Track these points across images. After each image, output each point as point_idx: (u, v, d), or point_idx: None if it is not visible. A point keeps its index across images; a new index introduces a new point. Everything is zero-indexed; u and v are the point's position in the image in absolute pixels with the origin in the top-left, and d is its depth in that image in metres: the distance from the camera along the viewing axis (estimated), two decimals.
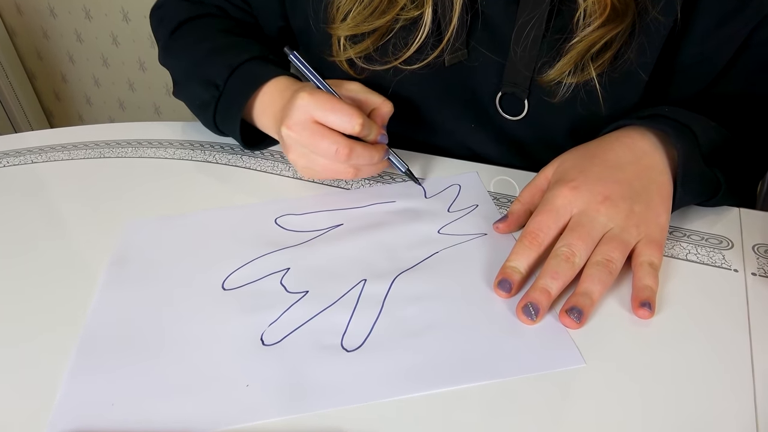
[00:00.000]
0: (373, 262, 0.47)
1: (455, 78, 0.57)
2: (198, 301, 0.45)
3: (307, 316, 0.43)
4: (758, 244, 0.47)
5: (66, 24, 1.81)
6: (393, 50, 0.55)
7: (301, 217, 0.53)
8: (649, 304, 0.41)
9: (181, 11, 0.66)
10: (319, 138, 0.49)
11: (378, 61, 0.56)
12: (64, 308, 0.45)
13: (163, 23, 0.67)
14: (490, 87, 0.56)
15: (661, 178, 0.46)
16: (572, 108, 0.54)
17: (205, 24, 0.65)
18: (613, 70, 0.51)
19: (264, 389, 0.38)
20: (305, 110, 0.49)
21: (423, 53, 0.54)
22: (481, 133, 0.60)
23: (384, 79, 0.57)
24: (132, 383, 0.39)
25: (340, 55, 0.56)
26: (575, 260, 0.42)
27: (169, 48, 0.66)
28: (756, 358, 0.38)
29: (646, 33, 0.50)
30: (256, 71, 0.57)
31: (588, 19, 0.47)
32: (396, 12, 0.51)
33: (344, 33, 0.54)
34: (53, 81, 2.01)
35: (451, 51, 0.54)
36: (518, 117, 0.57)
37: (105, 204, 0.56)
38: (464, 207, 0.53)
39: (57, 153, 0.65)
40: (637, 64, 0.51)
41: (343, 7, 0.53)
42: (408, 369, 0.38)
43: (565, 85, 0.52)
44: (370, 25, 0.53)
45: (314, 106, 0.49)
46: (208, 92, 0.58)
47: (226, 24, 0.65)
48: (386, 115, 0.54)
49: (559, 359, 0.39)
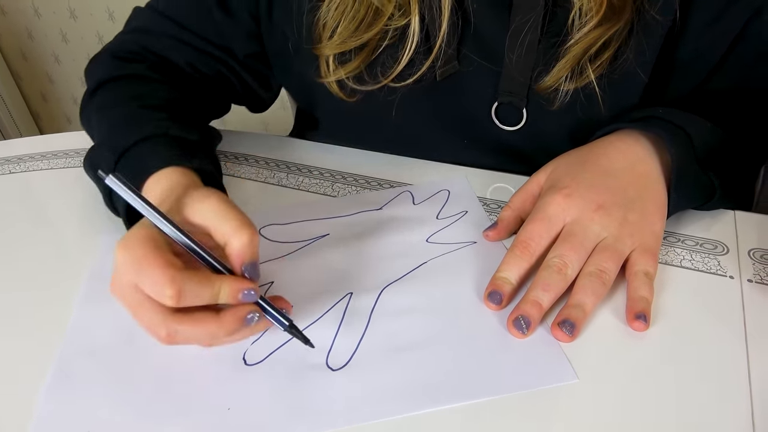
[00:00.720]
0: (360, 274, 0.46)
1: (449, 91, 0.54)
2: None
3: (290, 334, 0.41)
4: (754, 249, 0.46)
5: (51, 24, 1.78)
6: (383, 68, 0.52)
7: (285, 226, 0.51)
8: (644, 316, 0.40)
9: (105, 69, 0.58)
10: (135, 311, 0.36)
11: (369, 81, 0.53)
12: (48, 315, 0.44)
13: (89, 80, 0.59)
14: (486, 98, 0.54)
15: (656, 185, 0.45)
16: (572, 113, 0.52)
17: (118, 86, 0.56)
18: (612, 71, 0.50)
19: (246, 413, 0.36)
20: (123, 272, 0.36)
21: (414, 66, 0.51)
22: (476, 148, 0.58)
23: (376, 101, 0.55)
24: (109, 408, 0.37)
25: (329, 77, 0.53)
26: (567, 272, 0.41)
27: (83, 111, 0.58)
28: (753, 366, 0.37)
29: (645, 32, 0.48)
30: (142, 160, 0.46)
31: (583, 19, 0.46)
32: (383, 23, 0.49)
33: (332, 51, 0.51)
34: (39, 82, 1.99)
35: (443, 61, 0.51)
36: (516, 127, 0.55)
37: (86, 214, 0.55)
38: (453, 213, 0.52)
39: (37, 162, 0.64)
40: (637, 64, 0.50)
41: (330, 23, 0.50)
42: (395, 389, 0.37)
43: (563, 91, 0.50)
44: (358, 40, 0.50)
45: (128, 267, 0.35)
46: (99, 184, 0.49)
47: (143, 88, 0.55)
48: (240, 251, 0.37)
49: (550, 375, 0.37)
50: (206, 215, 0.38)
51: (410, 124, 0.57)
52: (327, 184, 0.57)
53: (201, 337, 0.36)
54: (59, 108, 2.05)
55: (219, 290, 0.36)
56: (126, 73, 0.57)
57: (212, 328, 0.36)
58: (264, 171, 0.59)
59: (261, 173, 0.59)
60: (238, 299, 0.36)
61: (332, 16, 0.50)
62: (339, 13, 0.49)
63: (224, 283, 0.36)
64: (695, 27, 0.50)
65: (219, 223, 0.38)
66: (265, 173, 0.59)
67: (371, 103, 0.55)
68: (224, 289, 0.36)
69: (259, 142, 0.64)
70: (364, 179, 0.57)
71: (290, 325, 0.38)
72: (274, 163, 0.61)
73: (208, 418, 0.36)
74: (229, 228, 0.37)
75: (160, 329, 0.35)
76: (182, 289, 0.34)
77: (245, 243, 0.37)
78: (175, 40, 0.58)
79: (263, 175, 0.59)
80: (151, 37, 0.58)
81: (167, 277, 0.34)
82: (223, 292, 0.36)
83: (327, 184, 0.57)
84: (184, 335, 0.36)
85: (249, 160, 0.61)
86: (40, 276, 0.48)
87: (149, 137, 0.47)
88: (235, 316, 0.36)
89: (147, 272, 0.34)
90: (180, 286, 0.34)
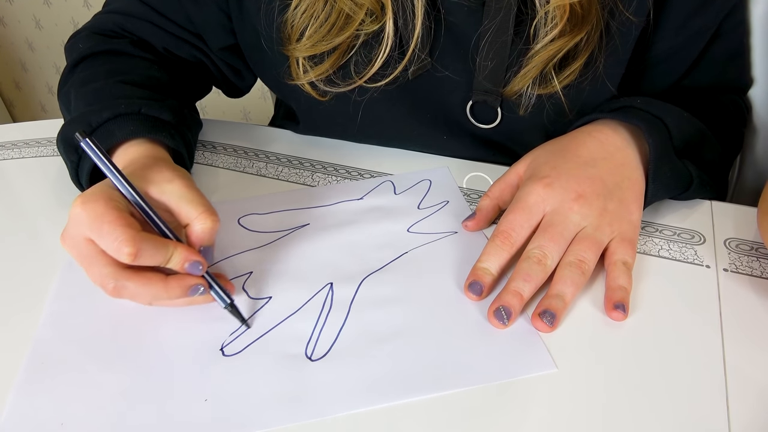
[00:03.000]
0: (340, 264, 0.45)
1: (423, 90, 0.54)
2: (154, 308, 0.42)
3: (270, 324, 0.41)
4: (730, 239, 0.47)
5: (23, 10, 1.74)
6: (356, 68, 0.51)
7: (265, 216, 0.51)
8: (623, 305, 0.40)
9: (86, 45, 0.58)
10: (87, 263, 0.38)
11: (341, 83, 0.52)
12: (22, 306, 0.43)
13: (69, 57, 0.59)
14: (460, 96, 0.54)
15: (634, 174, 0.45)
16: (543, 116, 0.52)
17: (100, 62, 0.56)
18: (580, 82, 0.50)
19: (224, 404, 0.36)
20: (76, 223, 0.38)
21: (388, 68, 0.51)
22: (454, 143, 0.57)
23: (349, 99, 0.54)
24: (83, 400, 0.37)
25: (301, 78, 0.52)
26: (547, 262, 0.41)
27: (61, 88, 0.58)
28: (728, 354, 0.38)
29: (619, 33, 0.48)
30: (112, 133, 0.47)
31: (548, 26, 0.46)
32: (354, 27, 0.48)
33: (302, 54, 0.50)
34: (12, 69, 1.94)
35: (417, 63, 0.50)
36: (491, 125, 0.55)
37: (59, 204, 0.54)
38: (434, 204, 0.52)
39: (9, 151, 0.62)
40: (606, 75, 0.50)
41: (297, 25, 0.49)
42: (375, 378, 0.37)
43: (528, 97, 0.50)
44: (329, 44, 0.49)
45: (84, 221, 0.37)
46: (68, 156, 0.49)
47: (124, 64, 0.56)
48: (201, 233, 0.40)
49: (530, 364, 0.37)
50: (172, 196, 0.41)
51: (387, 120, 0.56)
52: (307, 174, 0.56)
53: (145, 295, 0.39)
54: (33, 96, 2.00)
55: (171, 255, 0.38)
56: (108, 48, 0.57)
57: (158, 289, 0.38)
58: (243, 160, 0.58)
59: (240, 162, 0.58)
60: (185, 269, 0.39)
61: (301, 19, 0.49)
62: (308, 17, 0.49)
63: (177, 249, 0.38)
64: (671, 26, 0.50)
65: (184, 205, 0.40)
66: (244, 162, 0.58)
67: (345, 102, 0.54)
68: (176, 255, 0.38)
69: (238, 132, 0.63)
70: (344, 169, 0.57)
71: (230, 303, 0.41)
72: (253, 152, 0.60)
73: (184, 409, 0.36)
74: (194, 211, 0.40)
75: (108, 282, 0.38)
76: (140, 248, 0.36)
77: (207, 228, 0.40)
78: (151, 24, 0.58)
79: (242, 164, 0.58)
80: (129, 18, 0.59)
81: (127, 236, 0.36)
82: (174, 258, 0.38)
83: (307, 174, 0.56)
84: (129, 291, 0.38)
85: (228, 150, 0.60)
86: (12, 266, 0.47)
87: (122, 114, 0.48)
88: (181, 283, 0.39)
89: (107, 229, 0.36)
90: (139, 246, 0.36)
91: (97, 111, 0.48)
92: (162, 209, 0.41)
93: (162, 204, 0.41)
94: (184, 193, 0.41)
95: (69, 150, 0.49)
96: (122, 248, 0.36)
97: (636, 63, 0.52)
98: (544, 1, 0.45)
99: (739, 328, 0.40)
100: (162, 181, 0.41)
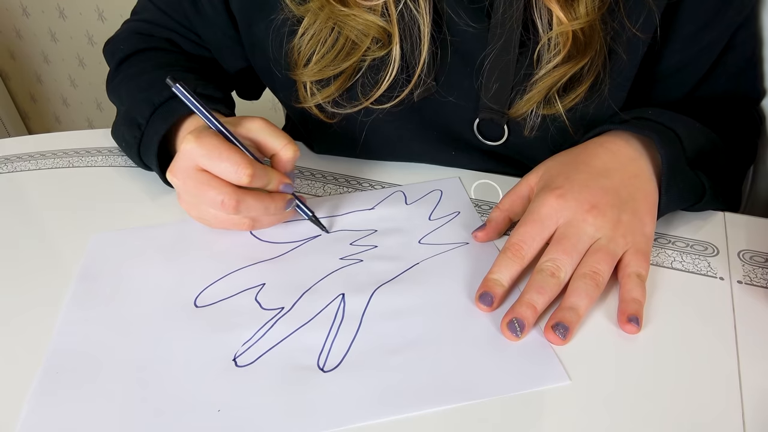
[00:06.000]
0: (352, 275, 0.46)
1: (430, 109, 0.54)
2: (168, 319, 0.43)
3: (282, 335, 0.41)
4: (743, 251, 0.46)
5: (39, 23, 1.77)
6: (362, 90, 0.52)
7: (277, 227, 0.51)
8: (636, 318, 0.40)
9: (128, 45, 0.63)
10: (204, 188, 0.44)
11: (347, 105, 0.53)
12: (37, 316, 0.43)
13: (112, 57, 0.64)
14: (467, 114, 0.54)
15: (647, 185, 0.45)
16: (548, 136, 0.52)
17: (146, 58, 0.61)
18: (586, 105, 0.50)
19: (236, 414, 0.36)
20: (190, 157, 0.44)
21: (395, 90, 0.51)
22: (463, 158, 0.58)
23: (356, 120, 0.55)
24: (96, 411, 0.37)
25: (308, 101, 0.53)
26: (561, 275, 0.41)
27: (110, 84, 0.63)
28: (743, 368, 0.38)
29: (624, 54, 0.48)
30: (175, 107, 0.51)
31: (551, 53, 0.46)
32: (361, 53, 0.49)
33: (309, 78, 0.51)
34: (28, 82, 1.97)
35: (423, 86, 0.51)
36: (498, 142, 0.55)
37: (77, 214, 0.54)
38: (445, 214, 0.52)
39: (26, 162, 0.63)
40: (610, 94, 0.50)
41: (304, 51, 0.50)
42: (387, 390, 0.37)
43: (533, 117, 0.51)
44: (335, 69, 0.50)
45: (199, 153, 0.44)
46: (131, 132, 0.54)
47: (169, 58, 0.61)
48: (288, 161, 0.47)
49: (543, 377, 0.37)
50: (258, 132, 0.47)
51: (394, 139, 0.57)
52: (318, 185, 0.57)
53: (258, 208, 0.46)
54: (48, 108, 2.03)
55: (271, 179, 0.46)
56: (150, 46, 0.62)
57: (268, 202, 0.46)
58: None
59: None
60: (280, 189, 0.47)
61: (308, 46, 0.50)
62: (314, 43, 0.50)
63: (275, 173, 0.46)
64: (681, 39, 0.50)
65: (270, 138, 0.47)
66: None
67: (353, 123, 0.55)
68: (274, 178, 0.46)
69: None
70: (355, 180, 0.57)
71: (313, 215, 0.50)
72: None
73: (198, 420, 0.36)
74: (278, 143, 0.47)
75: (231, 198, 0.44)
76: (254, 171, 0.44)
77: (290, 155, 0.47)
78: (176, 33, 0.63)
79: None
80: (156, 27, 0.63)
81: (246, 161, 0.44)
82: (273, 180, 0.46)
83: (318, 185, 0.57)
84: (246, 204, 0.45)
85: None
86: (27, 277, 0.48)
87: None
88: (282, 197, 0.47)
89: (225, 156, 0.43)
90: (254, 169, 0.44)
91: (158, 92, 0.52)
92: (248, 145, 0.47)
93: (248, 139, 0.47)
94: (268, 128, 0.47)
95: (132, 128, 0.53)
96: (243, 170, 0.43)
97: (645, 76, 0.52)
98: (548, 27, 0.46)
99: (754, 341, 0.39)
100: (245, 122, 0.47)
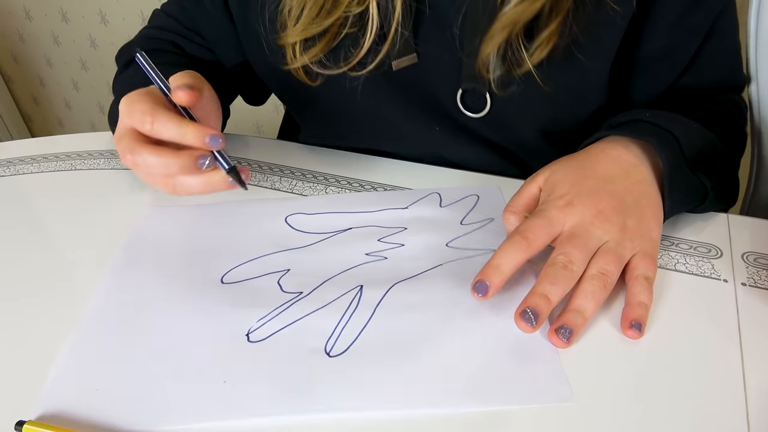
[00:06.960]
0: (374, 270, 0.46)
1: (413, 81, 0.55)
2: (194, 292, 0.45)
3: (296, 317, 0.42)
4: (747, 253, 0.46)
5: (42, 26, 1.78)
6: (345, 55, 0.53)
7: (311, 217, 0.52)
8: (639, 324, 0.39)
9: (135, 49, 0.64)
10: (120, 141, 0.44)
11: (331, 66, 0.54)
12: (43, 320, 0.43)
13: (120, 62, 0.66)
14: (450, 85, 0.55)
15: (650, 190, 0.45)
16: (533, 102, 0.52)
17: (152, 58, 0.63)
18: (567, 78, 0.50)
19: (240, 387, 0.37)
20: (121, 118, 0.45)
21: (377, 56, 0.52)
22: (448, 137, 0.58)
23: (342, 89, 0.56)
24: (117, 369, 0.39)
25: (295, 63, 0.54)
26: (573, 268, 0.40)
27: (114, 83, 0.65)
28: (748, 370, 0.37)
29: (602, 25, 0.48)
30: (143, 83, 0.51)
31: None
32: (342, 10, 0.50)
33: (295, 38, 0.53)
34: (30, 84, 1.98)
35: (401, 51, 0.52)
36: (482, 114, 0.55)
37: (79, 217, 0.54)
38: (478, 220, 0.51)
39: (28, 165, 0.63)
40: (591, 67, 0.50)
41: (295, 9, 0.52)
42: (387, 383, 0.37)
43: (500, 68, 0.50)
44: (318, 26, 0.51)
45: (125, 112, 0.44)
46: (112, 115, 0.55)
47: (169, 58, 0.63)
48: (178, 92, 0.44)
49: (548, 393, 0.36)
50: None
51: (379, 111, 0.58)
52: (320, 188, 0.57)
53: (158, 165, 0.42)
54: (51, 111, 2.03)
55: (186, 131, 0.42)
56: (154, 48, 0.64)
57: (168, 157, 0.42)
58: (257, 174, 0.59)
59: (253, 177, 0.59)
60: (205, 142, 0.42)
61: (296, 4, 0.51)
62: (300, 1, 0.51)
63: (192, 126, 0.42)
64: (665, 23, 0.50)
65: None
66: (258, 176, 0.59)
67: (338, 91, 0.56)
68: (191, 131, 0.42)
69: (251, 145, 0.64)
70: (357, 182, 0.57)
71: (233, 167, 0.43)
72: (267, 166, 0.60)
73: (203, 388, 0.37)
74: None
75: (126, 154, 0.43)
76: (156, 117, 0.42)
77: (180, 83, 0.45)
78: (181, 36, 0.64)
79: (256, 178, 0.58)
80: (162, 31, 0.65)
81: (148, 108, 0.42)
82: (189, 133, 0.42)
83: (320, 188, 0.57)
84: (144, 159, 0.42)
85: (241, 163, 0.61)
86: (30, 281, 0.48)
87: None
88: (190, 153, 0.42)
89: (136, 107, 0.43)
90: (155, 116, 0.42)
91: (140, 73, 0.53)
92: None
93: None
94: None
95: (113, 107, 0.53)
96: (144, 118, 0.42)
97: (628, 60, 0.52)
98: None
99: (758, 343, 0.39)
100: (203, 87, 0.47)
